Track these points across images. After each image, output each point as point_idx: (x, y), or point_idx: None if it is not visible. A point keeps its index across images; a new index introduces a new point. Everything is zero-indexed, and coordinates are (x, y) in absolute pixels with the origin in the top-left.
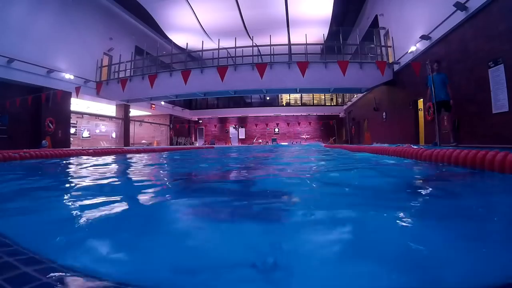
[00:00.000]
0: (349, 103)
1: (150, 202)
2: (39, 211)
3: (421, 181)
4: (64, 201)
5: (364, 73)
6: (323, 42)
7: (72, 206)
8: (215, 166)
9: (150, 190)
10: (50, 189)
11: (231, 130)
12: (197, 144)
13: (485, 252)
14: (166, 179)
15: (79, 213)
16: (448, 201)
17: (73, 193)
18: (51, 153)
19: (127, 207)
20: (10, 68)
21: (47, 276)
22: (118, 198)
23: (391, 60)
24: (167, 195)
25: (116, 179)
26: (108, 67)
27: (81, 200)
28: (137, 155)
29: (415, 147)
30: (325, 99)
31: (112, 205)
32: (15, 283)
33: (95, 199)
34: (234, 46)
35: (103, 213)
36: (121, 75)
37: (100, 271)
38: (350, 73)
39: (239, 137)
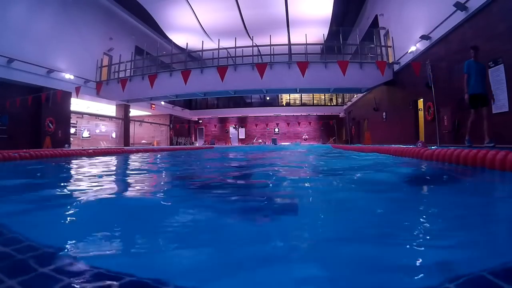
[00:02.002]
0: (349, 103)
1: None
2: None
3: None
4: (61, 201)
5: (364, 73)
6: (323, 42)
7: (70, 206)
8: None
9: (150, 191)
10: (49, 189)
11: (231, 130)
12: (197, 144)
13: None
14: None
15: (76, 213)
16: None
17: (70, 194)
18: (51, 153)
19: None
20: (10, 68)
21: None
22: (118, 198)
23: (391, 60)
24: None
25: (116, 180)
26: (108, 67)
27: (80, 201)
28: (137, 154)
29: (432, 147)
30: (325, 99)
31: (112, 205)
32: (13, 272)
33: (94, 200)
34: (234, 46)
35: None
36: (121, 75)
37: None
38: (350, 73)
39: (239, 137)
